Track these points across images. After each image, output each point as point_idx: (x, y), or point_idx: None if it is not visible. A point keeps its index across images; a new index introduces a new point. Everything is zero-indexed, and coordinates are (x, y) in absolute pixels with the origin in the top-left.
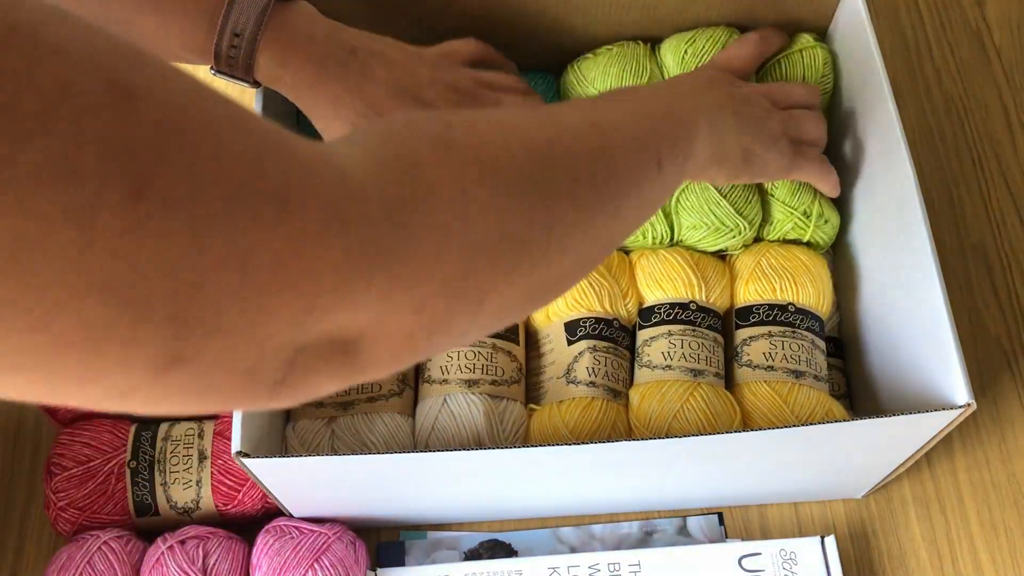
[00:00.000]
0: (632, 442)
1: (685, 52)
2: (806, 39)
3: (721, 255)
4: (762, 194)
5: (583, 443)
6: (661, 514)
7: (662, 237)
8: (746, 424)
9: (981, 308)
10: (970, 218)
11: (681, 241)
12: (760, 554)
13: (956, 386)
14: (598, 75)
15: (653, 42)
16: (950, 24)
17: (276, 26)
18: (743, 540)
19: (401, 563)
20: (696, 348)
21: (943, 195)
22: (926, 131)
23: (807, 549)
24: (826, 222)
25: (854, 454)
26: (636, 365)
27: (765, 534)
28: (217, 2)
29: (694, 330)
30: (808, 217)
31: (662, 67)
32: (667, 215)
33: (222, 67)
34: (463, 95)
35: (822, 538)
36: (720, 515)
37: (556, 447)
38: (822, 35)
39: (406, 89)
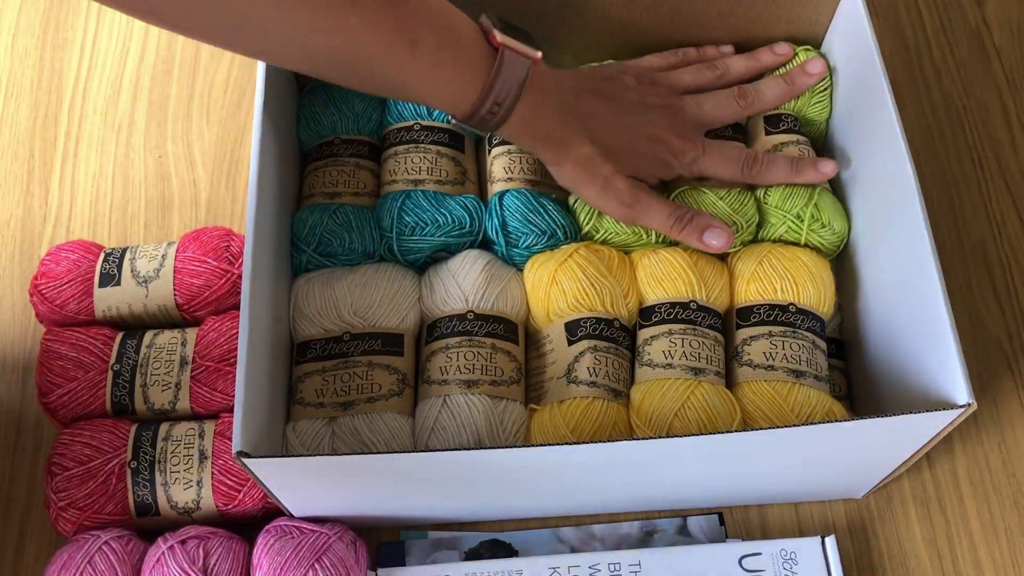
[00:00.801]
0: (632, 442)
1: None
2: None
3: (721, 255)
4: (756, 199)
5: (583, 443)
6: (661, 514)
7: (664, 236)
8: (746, 423)
9: (981, 308)
10: (970, 218)
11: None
12: (760, 554)
13: (956, 386)
14: None
15: None
16: (950, 24)
17: (527, 89)
18: (743, 540)
19: (401, 563)
20: (697, 347)
21: (943, 195)
22: (926, 131)
23: (807, 549)
24: (824, 227)
25: (854, 454)
26: (637, 364)
27: (765, 534)
28: (485, 73)
29: (695, 329)
30: (800, 220)
31: None
32: None
33: (471, 124)
34: (665, 109)
35: (822, 538)
36: (720, 515)
37: (556, 447)
38: (821, 37)
39: (624, 122)
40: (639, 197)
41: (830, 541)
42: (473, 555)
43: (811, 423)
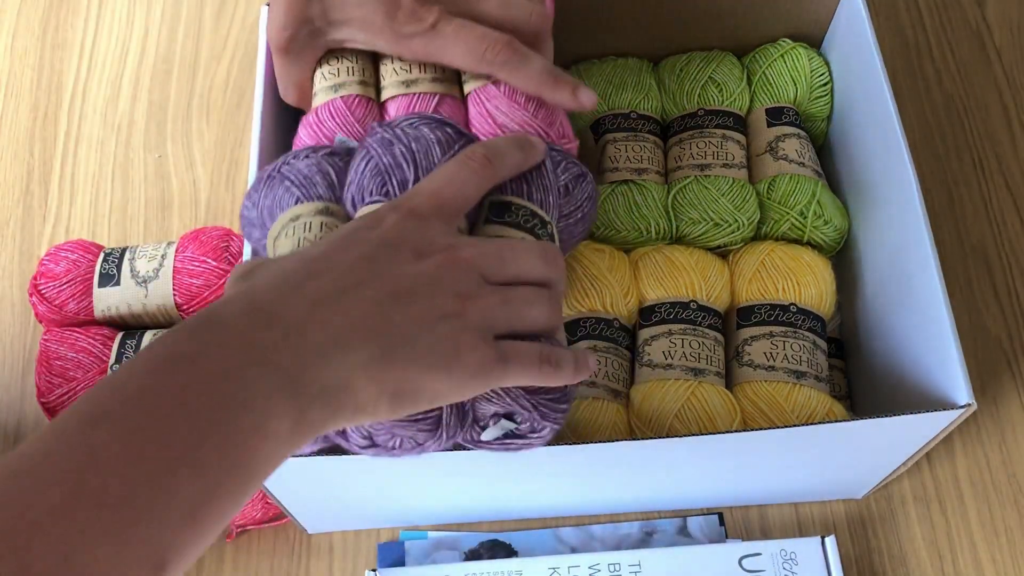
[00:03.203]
0: (632, 442)
1: (680, 72)
2: (784, 43)
3: (723, 253)
4: (758, 193)
5: (583, 443)
6: (661, 514)
7: (664, 232)
8: (746, 424)
9: (981, 308)
10: (970, 218)
11: (683, 236)
12: (760, 554)
13: (956, 386)
14: (601, 81)
15: (656, 61)
16: (950, 24)
17: None
18: (743, 540)
19: (401, 563)
20: (697, 347)
21: (943, 195)
22: (926, 131)
23: (807, 549)
24: (826, 223)
25: (854, 454)
26: (636, 364)
27: (765, 534)
28: None
29: (695, 329)
30: (804, 217)
31: (660, 84)
32: (667, 210)
33: None
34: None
35: (822, 538)
36: (720, 515)
37: (556, 447)
38: (821, 36)
39: None
40: (294, 40)
41: (830, 541)
42: (473, 555)
43: (809, 423)
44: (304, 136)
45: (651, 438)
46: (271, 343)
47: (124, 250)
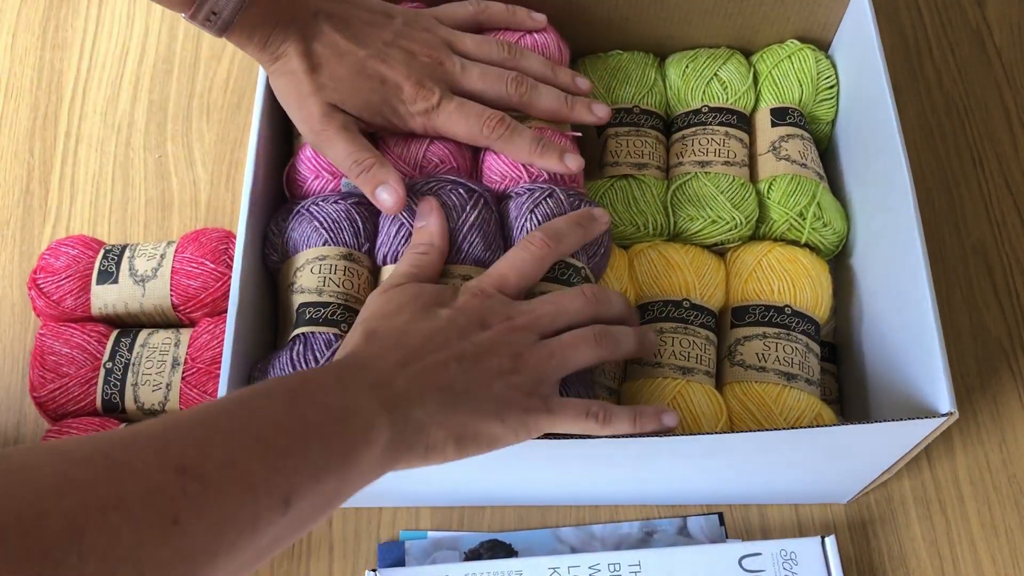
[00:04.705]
0: (601, 440)
1: (686, 67)
2: (792, 44)
3: (720, 251)
4: (759, 193)
5: (555, 439)
6: (661, 515)
7: (661, 228)
8: (733, 424)
9: (981, 308)
10: (970, 218)
11: (680, 232)
12: (760, 554)
13: (940, 395)
14: (605, 74)
15: (662, 56)
16: (950, 24)
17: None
18: (743, 540)
19: (401, 563)
20: (687, 346)
21: (943, 195)
22: (927, 131)
23: (807, 549)
24: (825, 226)
25: (837, 460)
26: (628, 361)
27: (765, 534)
28: None
29: (686, 328)
30: (803, 218)
31: (666, 80)
32: (665, 206)
33: (199, 23)
34: (413, 56)
35: (822, 538)
36: (720, 515)
37: (536, 442)
38: (829, 40)
39: (351, 55)
40: (326, 128)
41: (830, 541)
42: (473, 555)
43: (796, 427)
44: (304, 171)
45: (626, 437)
46: (378, 382)
47: (124, 247)
